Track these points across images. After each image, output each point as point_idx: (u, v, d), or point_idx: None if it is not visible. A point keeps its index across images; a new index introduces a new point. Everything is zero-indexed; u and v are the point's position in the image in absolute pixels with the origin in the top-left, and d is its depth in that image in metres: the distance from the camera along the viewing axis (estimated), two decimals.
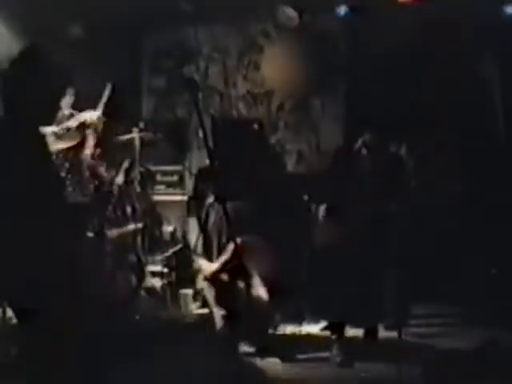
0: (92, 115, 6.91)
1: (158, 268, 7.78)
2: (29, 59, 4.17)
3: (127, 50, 9.17)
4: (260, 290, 6.30)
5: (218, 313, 6.25)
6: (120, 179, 7.90)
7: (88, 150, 7.25)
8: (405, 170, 6.61)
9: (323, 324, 6.75)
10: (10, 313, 4.98)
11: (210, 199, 7.25)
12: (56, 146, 7.22)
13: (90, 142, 7.25)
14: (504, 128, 7.83)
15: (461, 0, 7.38)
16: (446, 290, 7.16)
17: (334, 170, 6.67)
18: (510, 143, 7.70)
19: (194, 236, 7.71)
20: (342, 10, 8.29)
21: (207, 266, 6.51)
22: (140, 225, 7.85)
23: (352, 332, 6.36)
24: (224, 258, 6.43)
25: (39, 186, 3.94)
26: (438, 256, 7.27)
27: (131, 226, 7.83)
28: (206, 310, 6.89)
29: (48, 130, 6.42)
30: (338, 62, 8.77)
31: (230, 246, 6.38)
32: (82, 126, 6.88)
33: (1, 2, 7.92)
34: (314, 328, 6.87)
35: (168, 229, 8.00)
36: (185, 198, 8.01)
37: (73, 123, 6.84)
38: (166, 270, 7.71)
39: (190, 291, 7.40)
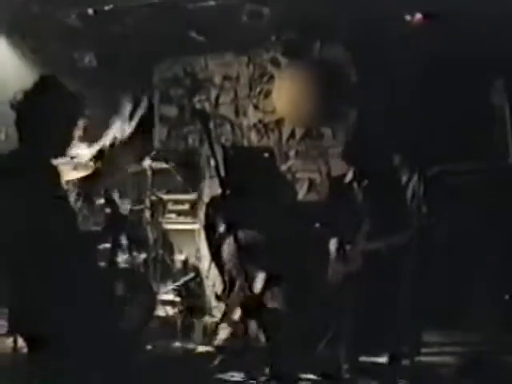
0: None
1: (169, 297, 7.78)
2: (42, 90, 4.21)
3: (139, 78, 9.24)
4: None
5: None
6: (126, 208, 7.91)
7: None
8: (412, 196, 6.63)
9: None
10: (21, 342, 4.98)
11: (222, 228, 7.27)
12: (70, 175, 7.28)
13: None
14: None
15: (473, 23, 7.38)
16: (458, 317, 7.12)
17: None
18: None
19: (205, 265, 7.73)
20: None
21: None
22: (152, 254, 7.87)
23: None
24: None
25: (52, 217, 3.96)
26: (449, 283, 7.23)
27: (143, 255, 7.85)
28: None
29: (62, 160, 6.47)
30: (348, 90, 8.79)
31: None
32: (98, 155, 6.94)
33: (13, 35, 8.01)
34: None
35: (180, 258, 8.00)
36: (196, 226, 8.01)
37: (92, 150, 6.89)
38: (177, 299, 7.71)
39: (201, 321, 7.38)
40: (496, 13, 7.22)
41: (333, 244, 6.80)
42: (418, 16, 7.78)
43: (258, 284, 6.68)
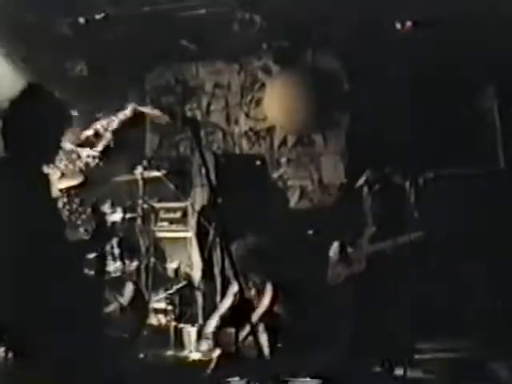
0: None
1: (161, 305, 7.76)
2: (28, 98, 4.19)
3: (130, 86, 9.24)
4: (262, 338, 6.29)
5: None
6: (118, 216, 7.92)
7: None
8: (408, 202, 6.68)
9: None
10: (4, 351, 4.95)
11: (213, 235, 7.28)
12: (59, 184, 7.26)
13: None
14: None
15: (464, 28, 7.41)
16: (451, 324, 7.12)
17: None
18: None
19: (197, 273, 7.71)
20: None
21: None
22: (144, 262, 7.86)
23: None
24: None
25: (40, 226, 3.95)
26: (442, 289, 7.23)
27: (135, 263, 7.84)
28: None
29: (51, 168, 6.45)
30: (339, 98, 8.80)
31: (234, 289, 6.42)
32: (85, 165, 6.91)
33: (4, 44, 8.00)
34: None
35: (171, 266, 7.98)
36: (188, 234, 8.01)
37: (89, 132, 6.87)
38: (169, 307, 7.69)
39: (193, 329, 7.37)
40: (488, 20, 7.25)
41: (335, 247, 6.85)
42: (409, 24, 7.80)
43: (267, 298, 6.71)
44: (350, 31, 8.10)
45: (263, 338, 6.39)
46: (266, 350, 6.33)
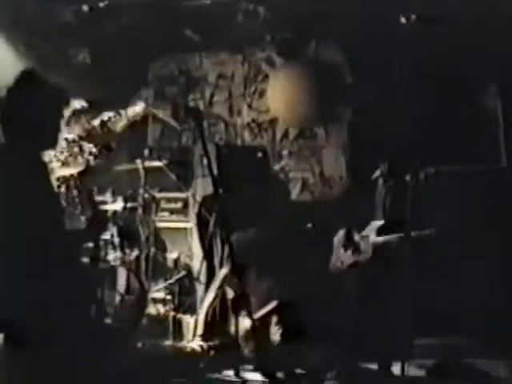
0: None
1: (161, 295, 7.77)
2: (25, 85, 4.16)
3: (133, 76, 9.22)
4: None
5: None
6: (125, 206, 7.93)
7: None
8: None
9: None
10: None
11: (214, 226, 7.28)
12: (59, 172, 7.27)
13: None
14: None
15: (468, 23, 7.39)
16: (449, 321, 7.12)
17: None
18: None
19: (197, 263, 7.72)
20: None
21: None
22: (144, 251, 7.87)
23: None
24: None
25: (40, 214, 3.93)
26: (441, 285, 7.23)
27: (135, 253, 7.84)
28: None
29: (51, 155, 6.46)
30: (342, 91, 8.80)
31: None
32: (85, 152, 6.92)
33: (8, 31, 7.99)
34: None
35: (171, 256, 7.98)
36: (189, 225, 8.00)
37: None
38: (169, 297, 7.70)
39: (192, 319, 7.37)
40: (492, 18, 7.25)
41: (340, 235, 6.88)
42: (413, 18, 7.78)
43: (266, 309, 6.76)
44: (353, 24, 8.09)
45: (276, 332, 6.44)
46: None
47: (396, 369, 5.98)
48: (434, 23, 7.36)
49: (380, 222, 6.98)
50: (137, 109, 6.98)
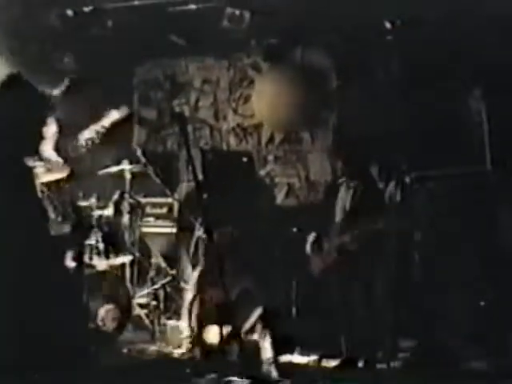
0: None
1: (146, 300, 7.76)
2: (8, 90, 4.15)
3: (118, 80, 9.19)
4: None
5: None
6: (110, 211, 7.93)
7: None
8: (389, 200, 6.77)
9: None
10: None
11: (199, 232, 7.27)
12: (45, 178, 7.25)
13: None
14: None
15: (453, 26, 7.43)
16: (433, 321, 7.15)
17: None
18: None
19: (182, 268, 7.71)
20: None
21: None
22: (129, 257, 7.85)
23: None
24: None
25: (24, 219, 3.93)
26: (425, 285, 7.26)
27: (120, 258, 7.83)
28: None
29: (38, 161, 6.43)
30: (328, 95, 8.81)
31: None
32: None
33: None
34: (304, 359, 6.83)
35: (157, 261, 7.97)
36: (174, 230, 7.99)
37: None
38: (154, 302, 7.69)
39: (177, 324, 7.35)
40: (477, 22, 7.28)
41: (309, 241, 6.92)
42: (398, 23, 7.81)
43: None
44: (338, 29, 8.11)
45: (267, 341, 6.44)
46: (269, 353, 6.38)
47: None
48: (419, 28, 7.42)
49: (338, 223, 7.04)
50: (121, 112, 6.96)
